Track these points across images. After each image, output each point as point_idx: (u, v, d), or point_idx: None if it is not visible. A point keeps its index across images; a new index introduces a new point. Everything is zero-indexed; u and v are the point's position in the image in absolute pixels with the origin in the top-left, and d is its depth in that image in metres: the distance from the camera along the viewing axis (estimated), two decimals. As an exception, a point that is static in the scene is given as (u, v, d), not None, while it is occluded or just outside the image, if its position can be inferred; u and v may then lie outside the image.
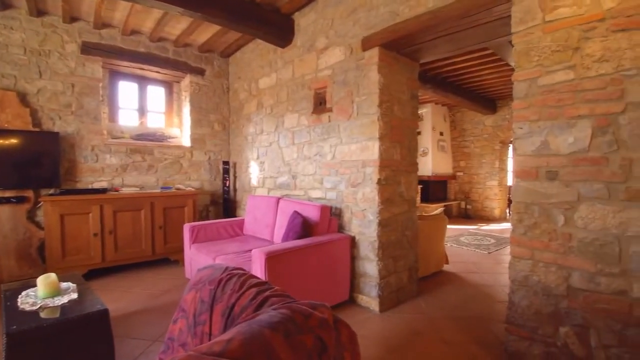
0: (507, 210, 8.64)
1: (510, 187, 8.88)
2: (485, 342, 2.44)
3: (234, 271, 1.37)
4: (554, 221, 1.91)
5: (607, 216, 1.71)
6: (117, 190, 4.05)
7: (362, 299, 2.98)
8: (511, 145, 9.05)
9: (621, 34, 1.64)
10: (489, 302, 3.15)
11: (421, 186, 7.95)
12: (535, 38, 1.93)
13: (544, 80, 1.91)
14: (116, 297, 3.19)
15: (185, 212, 4.25)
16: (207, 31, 4.32)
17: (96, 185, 4.14)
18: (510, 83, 6.42)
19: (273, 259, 2.34)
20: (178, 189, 4.43)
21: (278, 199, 3.47)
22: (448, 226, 4.32)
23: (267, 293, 1.11)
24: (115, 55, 4.27)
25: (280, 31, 3.69)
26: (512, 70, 2.07)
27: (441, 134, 8.41)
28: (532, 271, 2.01)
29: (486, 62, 5.03)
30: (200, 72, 4.90)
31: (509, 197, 8.69)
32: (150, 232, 4.01)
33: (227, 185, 4.92)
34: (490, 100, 7.81)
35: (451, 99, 6.55)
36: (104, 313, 1.94)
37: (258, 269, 2.35)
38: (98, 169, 4.19)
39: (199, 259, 3.15)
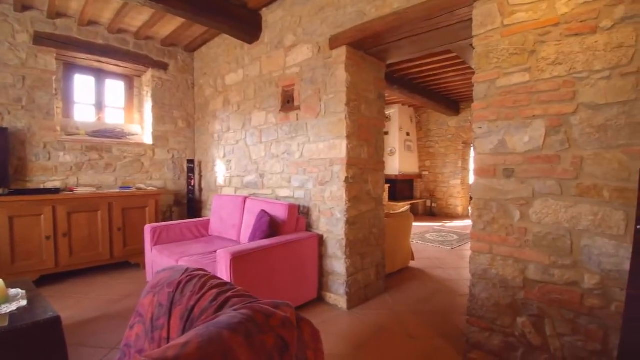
0: (470, 207, 8.99)
1: (472, 185, 9.24)
2: (449, 334, 2.51)
3: (195, 272, 1.31)
4: (511, 216, 1.99)
5: (559, 211, 1.81)
6: (71, 190, 3.80)
7: (331, 297, 2.98)
8: (473, 145, 9.45)
9: (574, 38, 1.73)
10: (452, 296, 3.26)
11: (389, 185, 8.10)
12: (494, 41, 2.01)
13: (502, 82, 1.99)
14: (71, 304, 3.00)
15: (147, 212, 4.06)
16: (171, 24, 4.16)
17: (49, 185, 3.87)
18: (472, 85, 6.71)
19: (239, 260, 2.28)
20: (139, 188, 4.23)
21: (245, 198, 3.40)
22: (414, 223, 4.42)
23: (229, 294, 1.07)
24: (71, 46, 4.01)
25: (247, 27, 3.61)
26: (474, 72, 2.14)
27: (408, 134, 8.62)
28: (491, 265, 2.09)
29: (450, 64, 5.20)
30: (163, 66, 4.71)
31: (471, 195, 9.03)
32: (108, 235, 3.80)
33: (192, 184, 4.76)
34: (453, 102, 8.10)
35: (417, 100, 6.72)
36: (56, 320, 1.81)
37: (223, 270, 2.28)
38: (51, 168, 3.92)
39: (161, 261, 3.02)
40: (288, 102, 3.35)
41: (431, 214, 8.93)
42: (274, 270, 2.57)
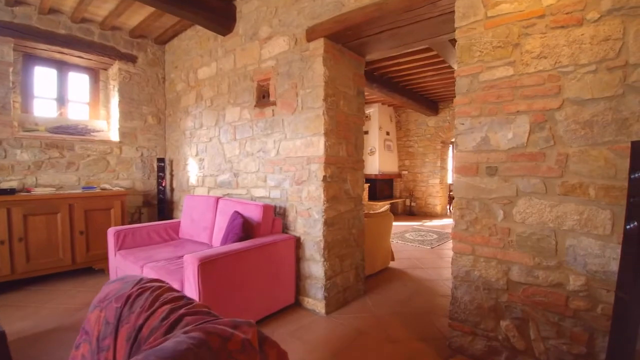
0: (448, 207, 9.07)
1: (450, 184, 9.34)
2: (429, 337, 2.42)
3: (148, 284, 1.14)
4: (494, 216, 1.92)
5: (543, 211, 1.74)
6: (29, 191, 3.50)
7: (308, 302, 2.84)
8: (451, 145, 9.55)
9: (559, 31, 1.66)
10: (433, 296, 3.19)
11: (368, 184, 8.05)
12: (477, 33, 1.93)
13: (485, 76, 1.91)
14: (27, 314, 2.74)
15: (112, 214, 3.79)
16: (139, 13, 3.91)
17: (4, 186, 3.55)
18: (450, 86, 6.72)
19: (208, 265, 2.11)
20: (104, 188, 3.95)
21: (217, 199, 3.20)
22: (394, 223, 4.35)
23: (182, 311, 0.92)
24: (30, 36, 3.70)
25: (220, 17, 3.42)
26: (453, 72, 2.06)
27: (387, 133, 8.59)
28: (474, 266, 2.01)
29: (429, 63, 5.16)
30: (131, 59, 4.44)
31: (449, 194, 9.13)
32: (69, 239, 3.52)
33: (163, 184, 4.51)
34: (432, 102, 8.13)
35: (397, 99, 6.69)
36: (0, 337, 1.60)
37: (191, 277, 2.10)
38: (6, 167, 3.60)
39: (125, 267, 2.80)
40: (263, 97, 3.19)
41: (410, 213, 8.94)
42: (247, 276, 2.41)
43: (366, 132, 8.21)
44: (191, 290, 2.10)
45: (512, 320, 1.87)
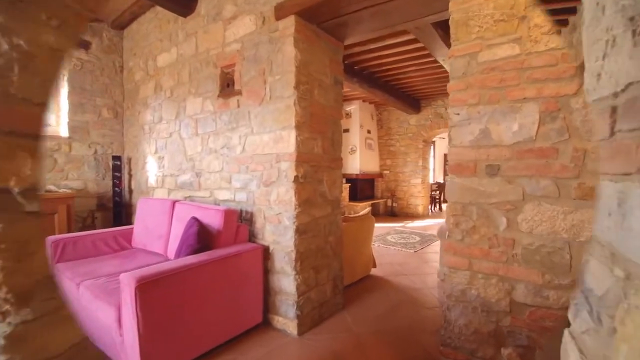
0: (430, 207, 8.89)
1: (432, 184, 9.17)
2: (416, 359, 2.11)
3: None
4: (495, 225, 1.62)
5: (556, 218, 1.44)
6: (-46, 193, 2.98)
7: (279, 321, 2.47)
8: (432, 144, 9.36)
9: (577, -4, 1.37)
10: (418, 308, 2.89)
11: (349, 185, 7.76)
12: (475, 5, 1.61)
13: (485, 56, 1.60)
14: None
15: (56, 220, 3.30)
16: (89, -8, 3.44)
17: None
18: (432, 82, 6.46)
19: (149, 286, 1.71)
20: (48, 190, 3.46)
21: (174, 203, 2.79)
22: (375, 225, 4.04)
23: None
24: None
25: (180, -4, 3.02)
26: (436, 68, 1.75)
27: (369, 132, 8.32)
28: (470, 284, 1.70)
29: (411, 57, 4.88)
30: (83, 45, 3.93)
31: (430, 194, 8.95)
32: (2, 248, 3.02)
33: (120, 186, 4.03)
34: (414, 100, 7.90)
35: (378, 96, 6.42)
36: None
37: (128, 301, 1.70)
38: None
39: (62, 284, 2.36)
40: (228, 86, 2.80)
41: (392, 214, 8.70)
42: (204, 294, 2.02)
43: (347, 130, 7.91)
44: (129, 317, 1.71)
45: (516, 349, 1.57)
